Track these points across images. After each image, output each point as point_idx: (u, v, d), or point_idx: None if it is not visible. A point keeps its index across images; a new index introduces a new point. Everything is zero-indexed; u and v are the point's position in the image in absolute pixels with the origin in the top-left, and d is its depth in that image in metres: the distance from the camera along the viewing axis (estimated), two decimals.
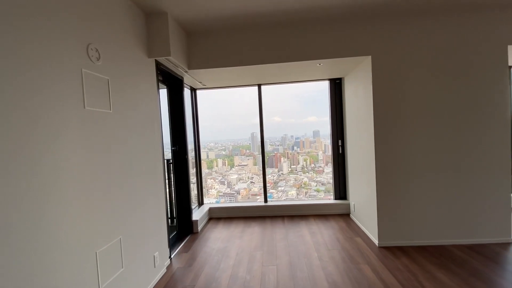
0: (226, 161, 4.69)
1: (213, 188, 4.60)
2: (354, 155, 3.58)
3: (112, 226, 1.79)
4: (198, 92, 4.21)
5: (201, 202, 4.27)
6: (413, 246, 2.77)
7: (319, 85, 4.20)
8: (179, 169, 3.45)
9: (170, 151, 3.36)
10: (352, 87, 3.50)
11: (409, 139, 2.76)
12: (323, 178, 4.47)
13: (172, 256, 2.83)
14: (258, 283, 2.25)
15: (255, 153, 4.62)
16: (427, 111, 2.74)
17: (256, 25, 2.87)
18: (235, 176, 4.59)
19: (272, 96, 4.09)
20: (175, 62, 2.72)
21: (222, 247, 3.00)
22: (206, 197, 4.45)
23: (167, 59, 2.63)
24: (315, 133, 4.55)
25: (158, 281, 2.37)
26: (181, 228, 3.46)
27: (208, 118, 4.29)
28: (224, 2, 2.36)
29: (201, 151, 4.29)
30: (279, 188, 4.46)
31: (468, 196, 2.73)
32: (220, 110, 4.32)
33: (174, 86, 3.35)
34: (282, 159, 4.58)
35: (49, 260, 1.29)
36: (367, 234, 3.12)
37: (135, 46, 2.24)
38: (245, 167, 4.64)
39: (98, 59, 1.74)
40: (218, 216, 4.10)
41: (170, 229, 2.94)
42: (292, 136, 4.62)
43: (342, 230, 3.34)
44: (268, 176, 4.49)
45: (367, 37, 2.78)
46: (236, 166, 4.67)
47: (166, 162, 3.04)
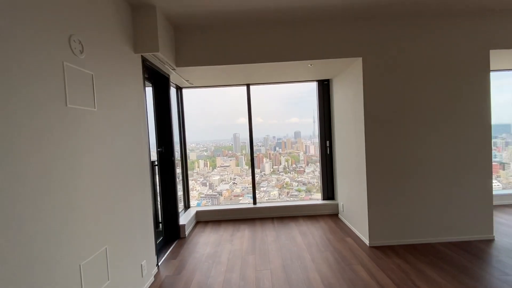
0: (208, 162, 4.59)
1: (194, 190, 4.47)
2: (343, 156, 3.60)
3: (97, 235, 1.64)
4: (184, 91, 4.06)
5: (188, 205, 4.12)
6: (403, 245, 2.82)
7: (301, 87, 4.28)
8: (165, 171, 3.29)
9: (156, 152, 3.20)
10: (341, 89, 3.53)
11: (399, 140, 2.81)
12: (304, 178, 4.52)
13: (160, 264, 2.68)
14: None
15: (238, 154, 4.57)
16: (415, 113, 2.81)
17: (248, 23, 2.80)
18: (217, 177, 4.51)
19: (255, 98, 4.10)
20: (163, 59, 2.58)
21: (212, 252, 2.89)
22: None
23: (154, 55, 2.48)
24: (297, 134, 4.61)
25: None
26: (168, 233, 3.29)
27: (190, 118, 4.17)
28: None
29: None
30: (262, 189, 4.43)
31: (453, 195, 2.83)
32: (202, 110, 4.23)
33: (160, 84, 3.19)
34: (265, 160, 4.58)
35: (28, 277, 1.13)
36: (357, 234, 3.15)
37: (121, 40, 2.09)
38: (228, 168, 4.58)
39: (82, 52, 1.58)
40: (206, 220, 3.96)
41: (156, 235, 2.78)
42: (274, 137, 4.63)
43: (332, 231, 3.35)
44: (250, 177, 4.44)
45: (358, 39, 2.80)
46: (218, 167, 4.59)
47: (152, 164, 2.87)
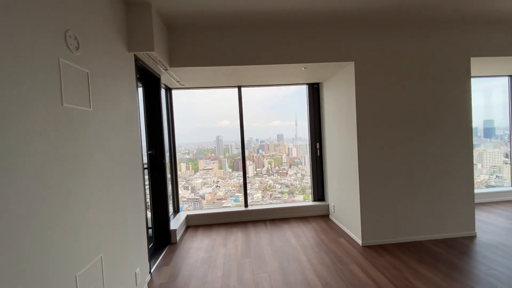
0: (190, 165, 4.49)
1: None
2: (333, 158, 3.67)
3: (93, 243, 1.54)
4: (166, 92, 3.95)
5: (177, 210, 4.00)
6: (393, 244, 2.91)
7: (284, 91, 4.39)
8: (155, 175, 3.18)
9: (146, 155, 3.08)
10: (332, 92, 3.60)
11: (389, 142, 2.91)
12: (287, 180, 4.58)
13: (152, 271, 2.57)
14: None
15: (221, 157, 4.54)
16: (404, 116, 2.92)
17: (243, 25, 2.79)
18: (200, 181, 4.44)
19: (237, 101, 4.09)
20: (156, 58, 2.49)
21: (207, 257, 2.82)
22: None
23: (148, 55, 2.40)
24: (279, 137, 4.67)
25: None
26: (158, 239, 3.18)
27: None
28: None
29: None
30: None
31: (439, 195, 2.97)
32: (184, 113, 4.14)
33: (151, 85, 3.09)
34: (248, 162, 4.55)
35: None
36: (349, 234, 3.21)
37: (115, 38, 2.00)
38: (210, 171, 4.52)
39: (77, 49, 1.49)
40: (197, 224, 3.87)
41: (148, 241, 2.67)
42: (258, 140, 4.65)
43: (325, 231, 3.39)
44: (234, 180, 4.46)
45: (351, 44, 2.88)
46: (201, 170, 4.52)
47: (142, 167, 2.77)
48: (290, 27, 2.85)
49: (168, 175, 3.73)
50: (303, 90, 4.28)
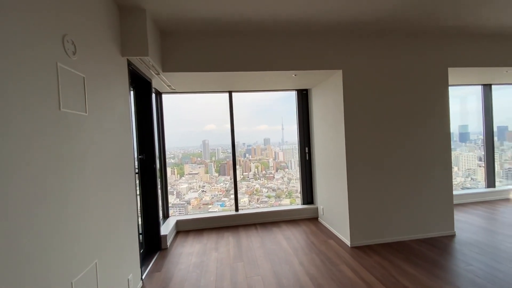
0: (176, 170, 4.43)
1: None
2: (322, 162, 3.78)
3: (88, 248, 1.52)
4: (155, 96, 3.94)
5: (167, 215, 3.96)
6: (380, 244, 3.03)
7: (271, 96, 4.43)
8: (146, 180, 3.14)
9: (137, 160, 3.05)
10: (321, 98, 3.72)
11: (375, 146, 3.05)
12: (274, 184, 4.60)
13: (143, 278, 2.53)
14: None
15: (207, 161, 4.51)
16: (388, 122, 3.07)
17: (237, 32, 2.85)
18: (185, 186, 4.38)
19: (226, 105, 4.12)
20: (148, 63, 2.50)
21: (199, 262, 2.82)
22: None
23: (141, 59, 2.40)
24: (266, 141, 4.70)
25: None
26: (148, 245, 3.13)
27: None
28: (207, 5, 2.29)
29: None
30: (232, 196, 4.35)
31: (421, 197, 3.13)
32: (170, 117, 4.08)
33: (142, 89, 3.07)
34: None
35: None
36: (338, 236, 3.31)
37: (109, 42, 1.99)
38: (196, 176, 4.48)
39: (74, 53, 1.49)
40: (187, 229, 3.84)
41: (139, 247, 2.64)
42: (244, 144, 4.66)
43: (314, 234, 3.47)
44: (220, 184, 4.42)
45: (340, 53, 3.01)
46: (187, 175, 4.46)
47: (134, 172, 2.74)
48: (282, 35, 2.94)
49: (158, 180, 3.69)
50: (290, 95, 4.37)
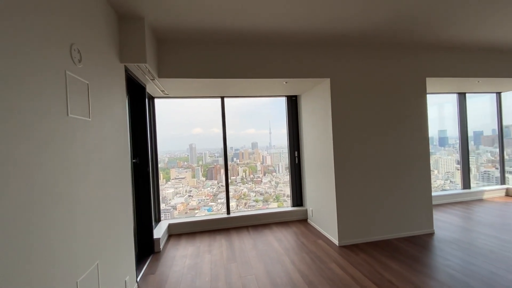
0: (161, 174, 4.36)
1: None
2: (311, 165, 3.94)
3: (91, 249, 1.57)
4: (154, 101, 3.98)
5: (159, 219, 3.97)
6: (366, 243, 3.20)
7: (259, 100, 4.45)
8: (139, 183, 3.18)
9: (131, 164, 3.07)
10: (310, 104, 3.90)
11: (361, 151, 3.23)
12: (262, 188, 4.64)
13: (138, 280, 2.56)
14: None
15: (194, 165, 4.50)
16: (372, 128, 3.27)
17: (232, 41, 2.97)
18: (171, 190, 4.33)
19: (213, 108, 4.14)
20: (145, 69, 2.57)
21: (193, 264, 2.87)
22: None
23: (138, 66, 2.47)
24: (254, 145, 4.73)
25: None
26: (142, 248, 3.15)
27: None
28: (203, 15, 2.40)
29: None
30: (219, 201, 4.39)
31: (403, 198, 3.34)
32: (157, 120, 4.03)
33: (136, 94, 3.12)
34: (222, 171, 4.50)
35: None
36: (327, 236, 3.45)
37: (109, 49, 2.06)
38: (183, 180, 4.44)
39: (80, 61, 1.56)
40: (179, 233, 3.87)
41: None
42: (232, 148, 4.66)
43: (304, 235, 3.60)
44: (208, 189, 4.41)
45: (328, 62, 3.19)
46: (173, 179, 4.42)
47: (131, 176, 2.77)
48: (274, 45, 3.09)
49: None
50: (277, 100, 4.47)
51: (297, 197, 4.45)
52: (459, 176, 5.29)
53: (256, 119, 4.66)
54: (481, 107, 5.55)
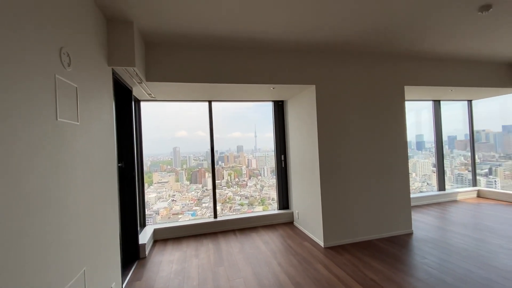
0: (144, 178, 4.34)
1: None
2: (297, 168, 4.03)
3: (79, 255, 1.54)
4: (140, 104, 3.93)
5: (144, 224, 3.90)
6: (350, 243, 3.31)
7: (245, 103, 4.44)
8: (125, 188, 3.12)
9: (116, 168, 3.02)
10: (296, 109, 4.00)
11: (344, 154, 3.36)
12: (247, 192, 4.64)
13: (123, 287, 2.51)
14: None
15: (178, 169, 4.43)
16: (356, 131, 3.42)
17: (220, 46, 3.01)
18: (154, 195, 4.24)
19: (198, 111, 4.11)
20: (133, 73, 2.55)
21: (180, 269, 2.85)
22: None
23: (126, 69, 2.45)
24: (239, 148, 4.73)
25: None
26: (127, 254, 3.08)
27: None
28: (192, 21, 2.43)
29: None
30: (204, 205, 4.34)
31: (384, 200, 3.50)
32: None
33: (122, 97, 3.08)
34: (207, 174, 4.50)
35: None
36: (313, 238, 3.54)
37: (97, 53, 2.04)
38: (166, 184, 4.35)
39: (69, 65, 1.54)
40: (165, 238, 3.82)
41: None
42: (217, 151, 4.64)
43: (290, 237, 3.67)
44: (192, 193, 4.36)
45: (313, 69, 3.31)
46: (155, 184, 4.32)
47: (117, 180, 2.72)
48: (262, 51, 3.17)
49: None
50: (263, 104, 4.51)
51: (284, 200, 4.52)
52: (435, 179, 5.59)
53: (242, 123, 4.63)
54: (454, 114, 5.92)
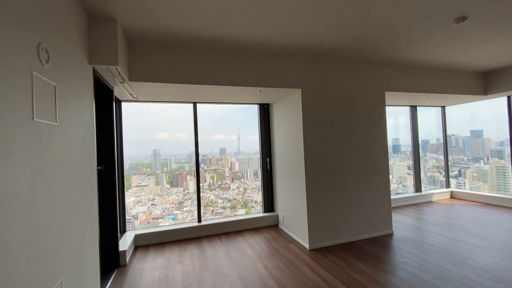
0: None
1: None
2: (283, 171, 4.05)
3: (55, 266, 1.44)
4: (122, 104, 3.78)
5: (124, 229, 3.73)
6: (335, 245, 3.37)
7: (228, 106, 4.39)
8: (105, 192, 2.97)
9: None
10: (282, 112, 4.03)
11: (328, 157, 3.43)
12: (229, 195, 4.58)
13: None
14: None
15: (158, 172, 4.30)
16: (339, 135, 3.50)
17: (206, 48, 2.97)
18: (132, 199, 4.07)
19: (181, 113, 4.04)
20: (115, 72, 2.45)
21: (163, 276, 2.75)
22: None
23: (108, 68, 2.35)
24: (222, 151, 4.67)
25: None
26: (106, 262, 2.93)
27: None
28: (177, 21, 2.37)
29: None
30: (185, 209, 4.24)
31: (365, 201, 3.60)
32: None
33: (103, 97, 2.94)
34: (188, 177, 4.41)
35: None
36: (298, 241, 3.56)
37: (77, 50, 1.94)
38: (145, 188, 4.20)
39: (47, 62, 1.45)
40: (147, 243, 3.68)
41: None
42: (199, 154, 4.67)
43: (276, 240, 3.67)
44: (173, 196, 4.27)
45: (299, 74, 3.35)
46: (134, 187, 4.15)
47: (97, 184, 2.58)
48: (249, 55, 3.16)
49: None
50: (247, 107, 4.49)
51: (269, 203, 4.52)
52: (410, 181, 5.85)
53: (225, 125, 4.57)
54: (429, 119, 6.25)
